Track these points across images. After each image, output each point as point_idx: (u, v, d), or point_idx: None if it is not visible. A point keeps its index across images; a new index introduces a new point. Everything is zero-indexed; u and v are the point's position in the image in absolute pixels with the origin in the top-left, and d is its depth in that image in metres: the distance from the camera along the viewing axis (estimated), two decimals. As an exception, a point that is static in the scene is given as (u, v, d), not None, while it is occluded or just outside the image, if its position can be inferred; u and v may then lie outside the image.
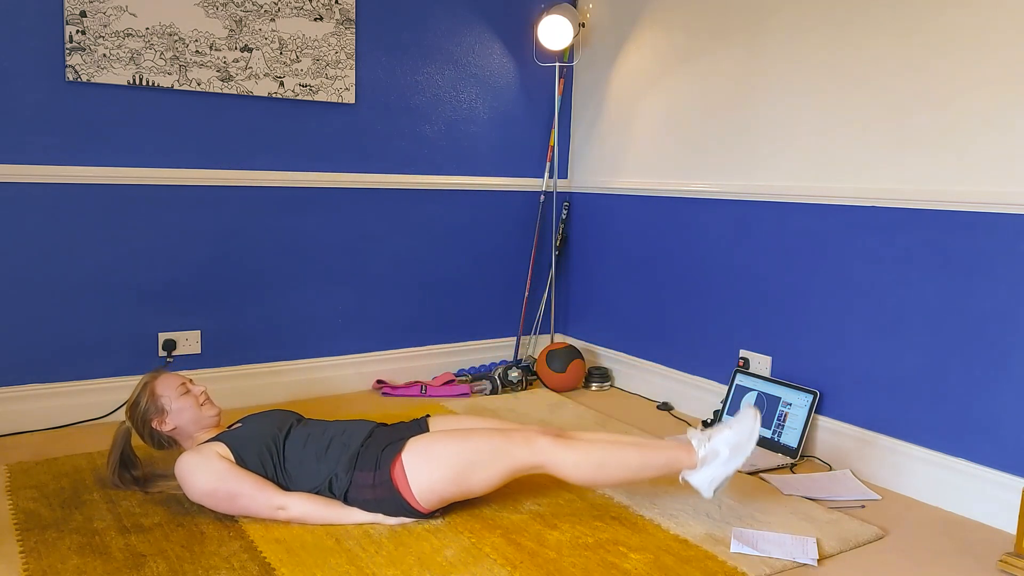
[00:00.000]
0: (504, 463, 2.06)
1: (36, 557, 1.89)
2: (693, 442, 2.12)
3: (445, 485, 2.05)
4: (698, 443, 2.11)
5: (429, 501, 2.07)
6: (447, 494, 2.08)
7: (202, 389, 2.29)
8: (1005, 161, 2.25)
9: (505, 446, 2.07)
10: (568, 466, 2.07)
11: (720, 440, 2.09)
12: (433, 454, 2.06)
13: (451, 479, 2.05)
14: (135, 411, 2.23)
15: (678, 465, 2.11)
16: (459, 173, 3.59)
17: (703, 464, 2.09)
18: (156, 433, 2.23)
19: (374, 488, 2.07)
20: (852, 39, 2.64)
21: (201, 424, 2.24)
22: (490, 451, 2.06)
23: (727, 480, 2.09)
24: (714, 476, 2.08)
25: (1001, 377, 2.29)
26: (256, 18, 3.01)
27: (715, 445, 2.09)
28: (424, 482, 2.05)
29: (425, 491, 2.06)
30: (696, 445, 2.11)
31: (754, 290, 3.01)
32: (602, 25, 3.69)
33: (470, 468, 2.05)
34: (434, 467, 2.05)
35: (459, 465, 2.05)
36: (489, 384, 3.44)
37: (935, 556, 2.09)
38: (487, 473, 2.06)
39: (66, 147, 2.75)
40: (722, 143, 3.11)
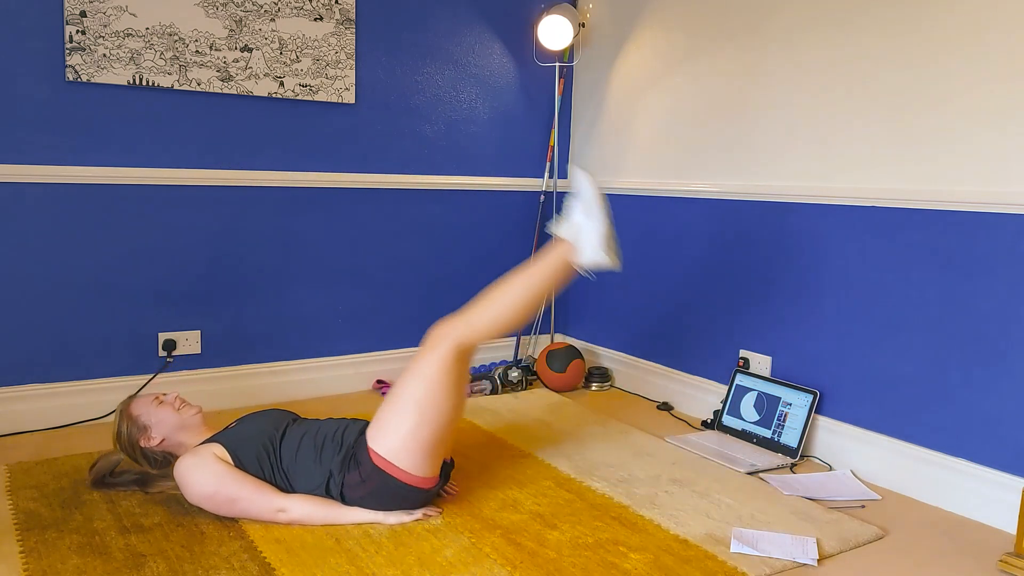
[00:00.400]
0: (433, 372, 2.07)
1: (36, 557, 1.89)
2: (560, 235, 2.19)
3: (415, 434, 2.05)
4: (563, 231, 2.18)
5: (415, 463, 2.06)
6: (425, 440, 2.06)
7: (174, 395, 2.29)
8: (1005, 161, 2.25)
9: (424, 364, 2.08)
10: (478, 327, 2.11)
11: (574, 214, 2.17)
12: (387, 420, 2.07)
13: (414, 424, 2.05)
14: (121, 440, 2.22)
15: (562, 260, 2.17)
16: (459, 173, 3.59)
17: (578, 241, 2.15)
18: (148, 452, 2.22)
19: (364, 483, 2.07)
20: (852, 39, 2.64)
21: (185, 426, 2.23)
22: (417, 375, 2.08)
23: (609, 238, 2.13)
24: (593, 242, 2.14)
25: (1001, 377, 2.29)
26: (256, 18, 3.01)
27: (573, 220, 2.17)
28: (398, 447, 2.05)
29: (406, 455, 2.05)
30: (563, 235, 2.18)
31: (754, 290, 3.01)
32: (602, 25, 3.69)
33: (421, 401, 2.06)
34: (396, 428, 2.05)
35: (409, 408, 2.06)
36: (489, 384, 3.44)
37: (935, 556, 2.09)
38: (431, 392, 2.06)
39: (66, 147, 2.75)
40: (722, 143, 3.11)
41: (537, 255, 3.81)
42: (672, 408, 3.34)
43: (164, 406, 2.24)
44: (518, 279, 2.16)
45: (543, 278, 2.15)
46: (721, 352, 3.16)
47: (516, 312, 2.14)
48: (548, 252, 2.18)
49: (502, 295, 2.14)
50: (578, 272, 2.19)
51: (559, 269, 2.17)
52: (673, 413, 3.29)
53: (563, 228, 2.20)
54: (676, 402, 3.35)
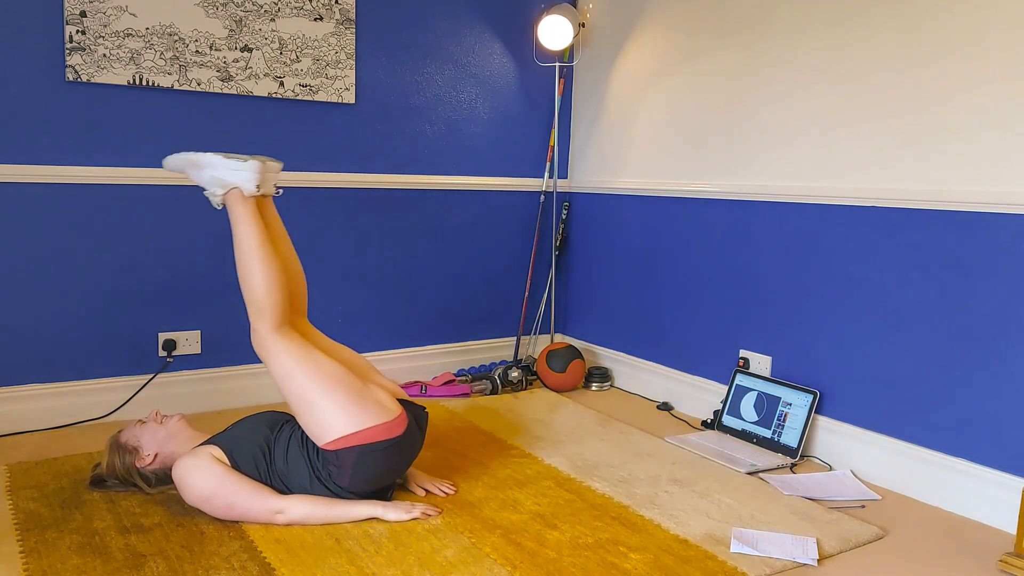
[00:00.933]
0: (287, 360, 2.10)
1: (36, 557, 1.89)
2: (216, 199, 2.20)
3: (332, 402, 2.06)
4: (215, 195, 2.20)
5: (360, 417, 2.07)
6: (342, 397, 2.07)
7: (153, 412, 2.30)
8: (1005, 161, 2.25)
9: (276, 365, 2.11)
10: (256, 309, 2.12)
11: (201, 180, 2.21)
12: (307, 419, 2.08)
13: (322, 397, 2.06)
14: (116, 471, 2.23)
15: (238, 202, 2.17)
16: (459, 173, 3.59)
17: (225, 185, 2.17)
18: (145, 473, 2.22)
19: (343, 468, 2.08)
20: (852, 39, 2.64)
21: (172, 435, 2.24)
22: (283, 374, 2.10)
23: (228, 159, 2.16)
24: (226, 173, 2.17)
25: (1001, 377, 2.29)
26: (256, 18, 3.01)
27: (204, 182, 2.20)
28: (334, 425, 2.06)
29: (345, 421, 2.06)
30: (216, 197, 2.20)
31: (754, 290, 3.01)
32: (602, 25, 3.69)
33: (305, 383, 2.07)
34: (317, 417, 2.06)
35: (307, 396, 2.07)
36: (489, 384, 3.44)
37: (935, 556, 2.09)
38: (301, 366, 2.08)
39: (66, 147, 2.75)
40: (722, 143, 3.11)
41: (536, 254, 3.82)
42: (672, 408, 3.34)
43: (147, 425, 2.26)
44: (237, 250, 2.16)
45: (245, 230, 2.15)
46: (721, 352, 3.16)
47: (263, 269, 2.13)
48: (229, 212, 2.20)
49: (242, 270, 2.14)
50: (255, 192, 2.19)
51: (245, 212, 2.16)
52: (673, 413, 3.29)
53: (212, 196, 2.21)
54: (676, 402, 3.35)
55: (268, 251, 2.15)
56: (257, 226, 2.16)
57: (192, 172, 2.22)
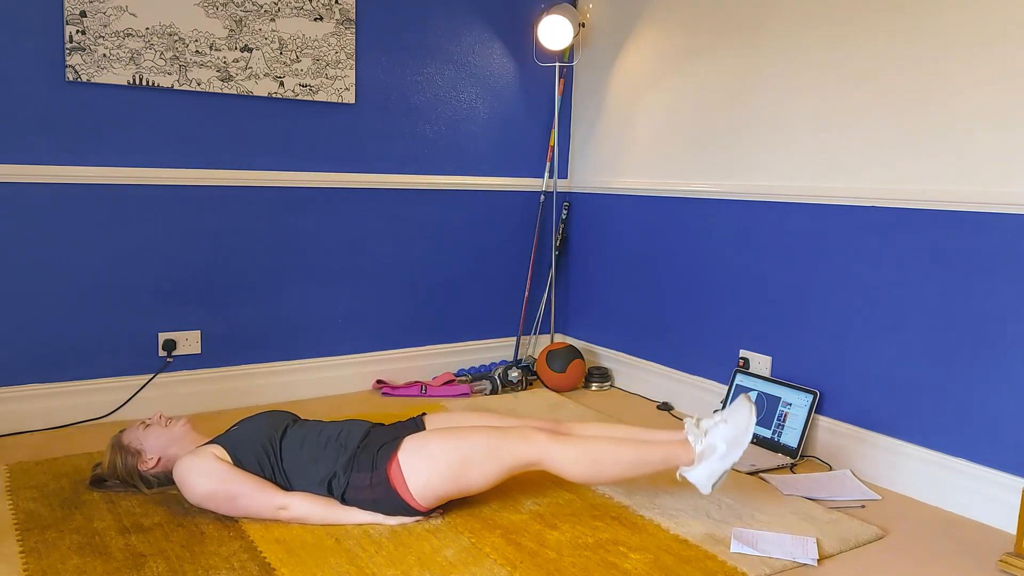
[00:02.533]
0: (501, 460, 2.06)
1: (36, 557, 1.89)
2: (689, 438, 2.12)
3: (442, 483, 2.05)
4: (694, 439, 2.11)
5: (426, 499, 2.07)
6: (444, 492, 2.07)
7: (157, 415, 2.29)
8: (1005, 161, 2.25)
9: (502, 443, 2.07)
10: (565, 464, 2.08)
11: (717, 435, 2.09)
12: (429, 452, 2.06)
13: (448, 477, 2.05)
14: (117, 472, 2.23)
15: (675, 461, 2.11)
16: (459, 173, 3.59)
17: (700, 460, 2.09)
18: (147, 476, 2.22)
19: (372, 488, 2.07)
20: (852, 39, 2.64)
21: (176, 439, 2.23)
22: (487, 448, 2.06)
23: (725, 475, 2.09)
24: (712, 471, 2.08)
25: (1001, 377, 2.29)
26: (256, 18, 3.01)
27: (712, 440, 2.09)
28: (421, 481, 2.05)
29: (422, 490, 2.05)
30: (692, 441, 2.11)
31: (754, 290, 3.01)
32: (602, 25, 3.69)
33: (467, 466, 2.05)
34: (431, 465, 2.05)
35: (456, 463, 2.05)
36: (489, 384, 3.44)
37: (935, 556, 2.09)
38: (484, 470, 2.06)
39: (66, 147, 2.75)
40: (722, 143, 3.11)
41: (536, 254, 3.82)
42: (672, 408, 3.34)
43: (151, 428, 2.25)
44: (630, 451, 2.09)
45: (649, 465, 2.10)
46: (721, 352, 3.16)
47: (606, 479, 2.11)
48: (670, 445, 2.11)
49: (607, 456, 2.08)
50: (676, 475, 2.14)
51: (667, 466, 2.11)
52: (673, 413, 3.29)
53: (697, 436, 2.11)
54: (676, 402, 3.35)
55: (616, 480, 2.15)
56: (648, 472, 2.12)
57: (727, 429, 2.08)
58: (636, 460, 2.09)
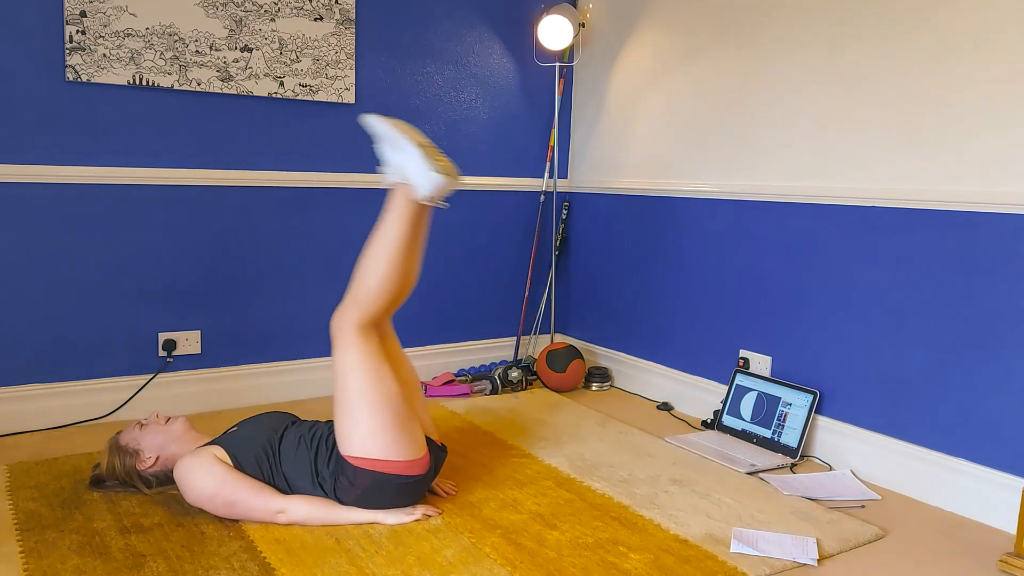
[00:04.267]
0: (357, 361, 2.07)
1: (36, 557, 1.89)
2: (388, 182, 2.15)
3: (378, 423, 2.05)
4: (390, 180, 2.14)
5: (391, 448, 2.05)
6: (385, 423, 2.05)
7: (154, 413, 2.29)
8: (1005, 161, 2.25)
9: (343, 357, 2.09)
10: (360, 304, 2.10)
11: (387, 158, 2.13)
12: (344, 423, 2.07)
13: (369, 414, 2.05)
14: (116, 473, 2.22)
15: (403, 201, 2.10)
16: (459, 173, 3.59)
17: (406, 176, 2.10)
18: (146, 476, 2.22)
19: (354, 486, 2.07)
20: (852, 38, 2.64)
21: (174, 438, 2.24)
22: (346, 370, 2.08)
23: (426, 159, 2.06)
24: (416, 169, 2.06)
25: (1001, 377, 2.29)
26: (256, 18, 3.01)
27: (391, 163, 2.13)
28: (367, 442, 2.04)
29: (376, 446, 2.04)
30: (392, 181, 2.14)
31: (754, 290, 3.01)
32: (602, 25, 3.69)
33: (361, 392, 2.05)
34: (354, 426, 2.05)
35: (355, 403, 2.05)
36: (489, 384, 3.44)
37: (935, 556, 2.09)
38: (365, 376, 2.06)
39: (66, 147, 2.75)
40: (722, 143, 3.11)
41: (536, 254, 3.82)
42: (672, 408, 3.34)
43: (148, 427, 2.25)
44: (377, 240, 2.12)
45: (397, 228, 2.11)
46: (721, 352, 3.16)
47: (391, 270, 2.11)
48: (389, 201, 2.14)
49: (370, 261, 2.11)
50: (427, 205, 2.13)
51: (407, 212, 2.11)
52: (673, 413, 3.29)
53: (387, 174, 2.16)
54: (676, 402, 3.35)
55: (404, 257, 2.12)
56: (408, 229, 2.11)
57: (384, 144, 2.14)
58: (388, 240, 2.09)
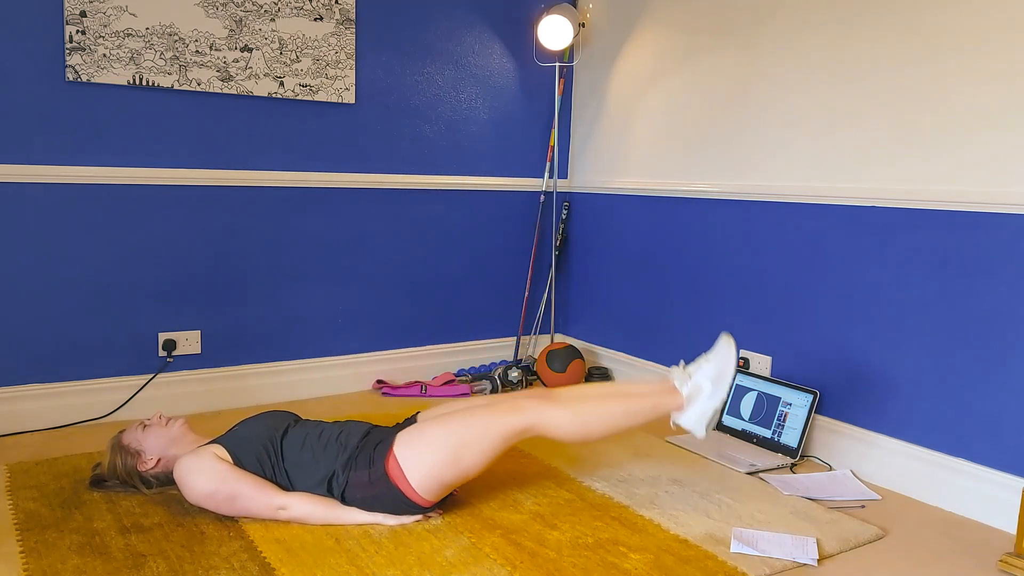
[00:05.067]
0: (495, 432, 2.06)
1: (36, 557, 1.89)
2: (676, 383, 2.15)
3: (441, 470, 2.04)
4: (680, 383, 2.15)
5: (428, 490, 2.06)
6: (444, 479, 2.06)
7: (156, 415, 2.29)
8: (1005, 161, 2.25)
9: (493, 417, 2.07)
10: (555, 425, 2.10)
11: (701, 375, 2.13)
12: (423, 442, 2.06)
13: (445, 463, 2.04)
14: (117, 472, 2.22)
15: (665, 408, 2.14)
16: (459, 173, 3.59)
17: (689, 403, 2.13)
18: (146, 476, 2.22)
19: (371, 485, 2.07)
20: (852, 39, 2.64)
21: (175, 439, 2.23)
22: (479, 424, 2.06)
23: (716, 414, 2.12)
24: (702, 412, 2.12)
25: (1001, 377, 2.29)
26: (256, 18, 3.01)
27: (697, 381, 2.13)
28: (419, 471, 2.04)
29: (422, 480, 2.05)
30: (679, 386, 2.15)
31: (754, 290, 3.01)
32: (602, 25, 3.69)
33: (462, 446, 2.04)
34: (426, 453, 2.04)
35: (451, 445, 2.04)
36: (489, 384, 3.44)
37: (935, 556, 2.09)
38: (480, 447, 2.05)
39: (66, 147, 2.75)
40: (722, 143, 3.11)
41: (536, 254, 3.82)
42: (672, 408, 3.34)
43: (150, 428, 2.25)
44: (618, 403, 2.12)
45: (639, 415, 2.13)
46: (721, 352, 3.15)
47: (598, 433, 2.13)
48: (657, 393, 2.15)
49: (596, 411, 2.11)
50: (670, 423, 2.17)
51: (657, 415, 2.14)
52: (673, 413, 3.29)
53: (683, 380, 2.15)
54: (676, 402, 3.35)
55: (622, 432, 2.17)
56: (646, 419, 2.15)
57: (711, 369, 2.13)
58: (626, 412, 2.12)
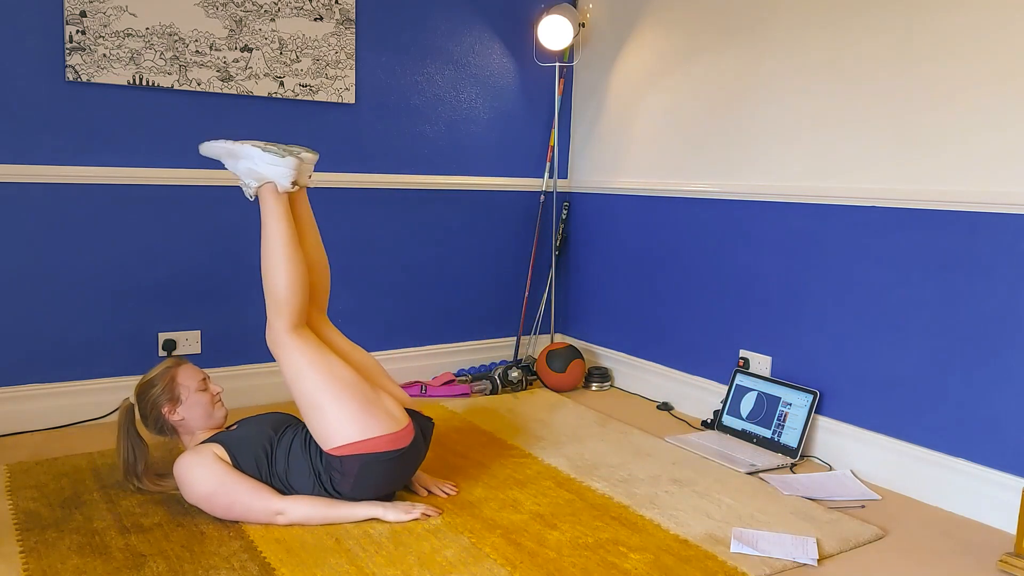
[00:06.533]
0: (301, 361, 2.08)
1: (36, 557, 1.89)
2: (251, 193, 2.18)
3: (342, 408, 2.05)
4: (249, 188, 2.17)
5: (368, 426, 2.06)
6: (353, 404, 2.06)
7: (219, 390, 2.28)
8: (1005, 161, 2.25)
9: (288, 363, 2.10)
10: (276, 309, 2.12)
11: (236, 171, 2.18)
12: (313, 422, 2.07)
13: (332, 402, 2.05)
14: (148, 392, 2.20)
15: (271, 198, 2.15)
16: (459, 173, 3.59)
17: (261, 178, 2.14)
18: (161, 419, 2.20)
19: (346, 475, 2.07)
20: (852, 39, 2.64)
21: (207, 423, 2.23)
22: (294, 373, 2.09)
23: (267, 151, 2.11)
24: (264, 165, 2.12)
25: (1001, 377, 2.29)
26: (256, 18, 3.01)
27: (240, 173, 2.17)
28: (341, 430, 2.05)
29: (352, 428, 2.05)
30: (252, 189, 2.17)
31: (754, 290, 3.01)
32: (602, 25, 3.69)
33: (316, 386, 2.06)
34: (324, 420, 2.06)
35: (317, 398, 2.06)
36: (489, 384, 3.44)
37: (935, 556, 2.09)
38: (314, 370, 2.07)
39: (66, 147, 2.75)
40: (722, 143, 3.11)
41: (536, 254, 3.82)
42: (672, 408, 3.34)
43: (205, 394, 2.23)
44: (265, 244, 2.15)
45: (276, 225, 2.13)
46: (721, 352, 3.16)
47: (289, 266, 2.12)
48: (262, 205, 2.17)
49: (267, 266, 2.14)
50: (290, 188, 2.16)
51: (279, 207, 2.14)
52: (673, 413, 3.29)
53: (246, 187, 2.19)
54: (676, 402, 3.35)
55: (295, 249, 2.14)
56: (287, 223, 2.14)
57: (227, 161, 2.19)
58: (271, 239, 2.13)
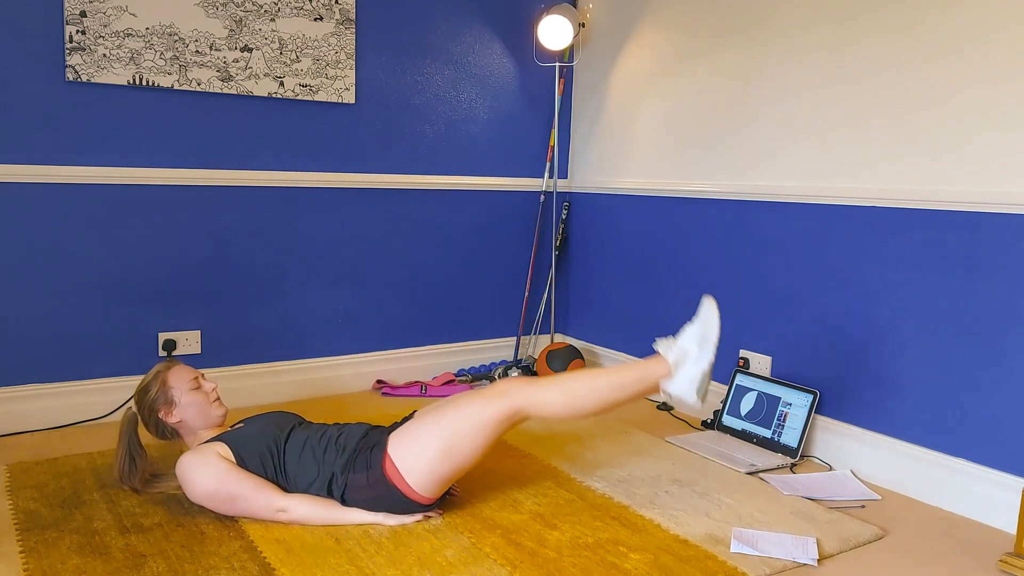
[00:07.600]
0: (486, 419, 2.05)
1: (36, 557, 1.89)
2: (660, 350, 2.14)
3: (436, 464, 2.04)
4: (665, 349, 2.13)
5: (425, 487, 2.06)
6: (441, 473, 2.06)
7: (213, 387, 2.27)
8: (1005, 161, 2.25)
9: (481, 405, 2.06)
10: (545, 402, 2.09)
11: (686, 338, 2.11)
12: (416, 438, 2.06)
13: (440, 456, 2.03)
14: (144, 398, 2.21)
15: (653, 376, 2.12)
16: (459, 173, 3.59)
17: (677, 368, 2.10)
18: (161, 423, 2.21)
19: (370, 487, 2.07)
20: (852, 39, 2.64)
21: (207, 422, 2.23)
22: (469, 414, 2.06)
23: (705, 377, 2.09)
24: (691, 376, 2.09)
25: (1001, 377, 2.29)
26: (256, 18, 3.01)
27: (682, 344, 2.11)
28: (416, 469, 2.04)
29: (419, 477, 2.04)
30: (664, 351, 2.13)
31: (754, 290, 3.01)
32: (602, 25, 3.69)
33: (454, 438, 2.04)
34: (420, 450, 2.04)
35: (443, 439, 2.04)
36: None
37: (935, 556, 2.09)
38: (472, 436, 2.04)
39: (66, 147, 2.75)
40: (722, 143, 3.11)
41: (536, 254, 3.82)
42: (672, 408, 3.34)
43: (199, 392, 2.23)
44: (604, 376, 2.12)
45: (628, 387, 2.11)
46: (720, 352, 3.15)
47: (587, 406, 2.11)
48: (643, 364, 2.13)
49: (582, 385, 2.11)
50: (661, 394, 2.14)
51: (646, 385, 2.12)
52: (673, 413, 3.29)
53: (669, 348, 2.13)
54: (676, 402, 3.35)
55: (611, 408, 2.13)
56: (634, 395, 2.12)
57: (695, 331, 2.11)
58: (612, 383, 2.11)
